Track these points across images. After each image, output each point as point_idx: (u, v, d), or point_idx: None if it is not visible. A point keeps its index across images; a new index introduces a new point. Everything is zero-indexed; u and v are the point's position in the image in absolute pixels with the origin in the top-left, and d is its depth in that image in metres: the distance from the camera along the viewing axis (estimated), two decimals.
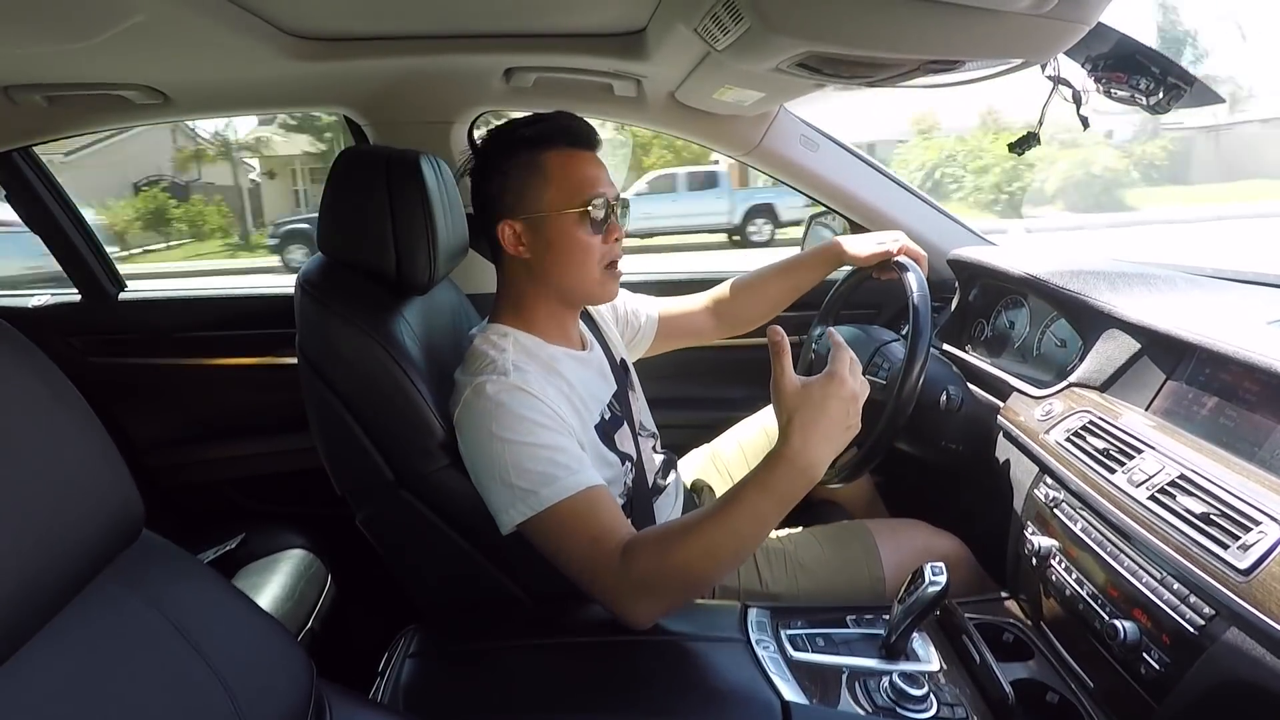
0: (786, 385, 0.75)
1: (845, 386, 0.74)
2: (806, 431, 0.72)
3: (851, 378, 0.75)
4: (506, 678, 0.79)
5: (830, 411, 0.73)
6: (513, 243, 0.92)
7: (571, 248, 0.92)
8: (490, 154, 0.94)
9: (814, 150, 1.47)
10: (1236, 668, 0.62)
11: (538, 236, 0.92)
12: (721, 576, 0.79)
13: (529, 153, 0.91)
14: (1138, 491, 0.78)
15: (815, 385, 0.74)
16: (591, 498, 0.81)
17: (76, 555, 0.45)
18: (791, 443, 0.72)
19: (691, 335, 1.31)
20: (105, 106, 1.32)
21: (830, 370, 0.75)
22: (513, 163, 0.91)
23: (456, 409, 0.87)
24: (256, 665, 0.53)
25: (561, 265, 0.93)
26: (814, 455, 0.73)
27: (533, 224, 0.91)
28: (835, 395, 0.73)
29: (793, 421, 0.73)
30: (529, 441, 0.81)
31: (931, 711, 0.73)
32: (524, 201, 0.91)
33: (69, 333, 1.64)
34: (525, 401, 0.83)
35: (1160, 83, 1.00)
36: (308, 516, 1.47)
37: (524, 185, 0.91)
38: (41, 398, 0.45)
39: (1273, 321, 0.86)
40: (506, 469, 0.81)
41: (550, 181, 0.91)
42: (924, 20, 0.72)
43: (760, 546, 1.03)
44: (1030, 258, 1.22)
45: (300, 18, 1.06)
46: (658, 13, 1.01)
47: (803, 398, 0.73)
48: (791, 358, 0.77)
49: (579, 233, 0.91)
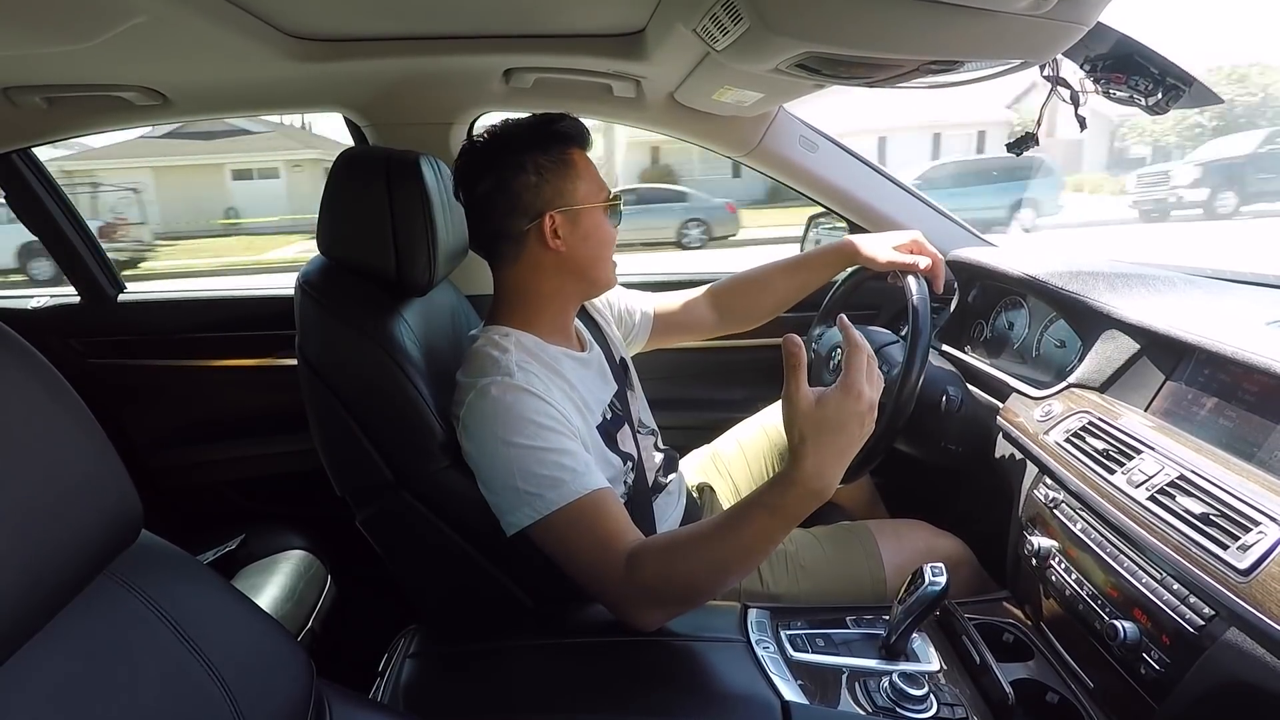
0: (801, 403, 0.69)
1: (862, 400, 0.68)
2: (821, 455, 0.68)
3: (869, 386, 0.69)
4: (506, 678, 0.79)
5: (847, 430, 0.68)
6: (551, 236, 0.93)
7: (603, 239, 0.97)
8: (522, 149, 0.92)
9: (813, 151, 1.47)
10: (1236, 668, 0.62)
11: (575, 228, 0.94)
12: (727, 588, 0.78)
13: (561, 149, 0.93)
14: (1137, 492, 0.78)
15: (830, 402, 0.68)
16: (597, 501, 0.81)
17: (75, 556, 0.45)
18: (804, 467, 0.68)
19: (689, 330, 1.29)
20: (105, 108, 1.32)
21: (846, 382, 0.69)
22: (547, 158, 0.92)
23: (460, 410, 0.87)
24: (256, 665, 0.53)
25: (593, 256, 0.96)
26: (828, 479, 0.69)
27: (571, 216, 0.93)
28: (853, 412, 0.68)
29: (806, 444, 0.68)
30: (535, 445, 0.81)
31: (931, 712, 0.73)
32: (563, 195, 0.93)
33: (69, 334, 1.64)
34: (530, 403, 0.83)
35: (1159, 83, 1.00)
36: (308, 517, 1.47)
37: (562, 179, 0.93)
38: (40, 399, 0.45)
39: (1272, 322, 0.86)
40: (512, 472, 0.81)
41: (581, 177, 0.94)
42: (923, 21, 0.72)
43: None
44: (1029, 259, 1.22)
45: (300, 19, 1.06)
46: (657, 14, 1.01)
47: (818, 418, 0.68)
48: (785, 368, 0.71)
49: (606, 225, 0.97)
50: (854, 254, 1.16)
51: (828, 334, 1.26)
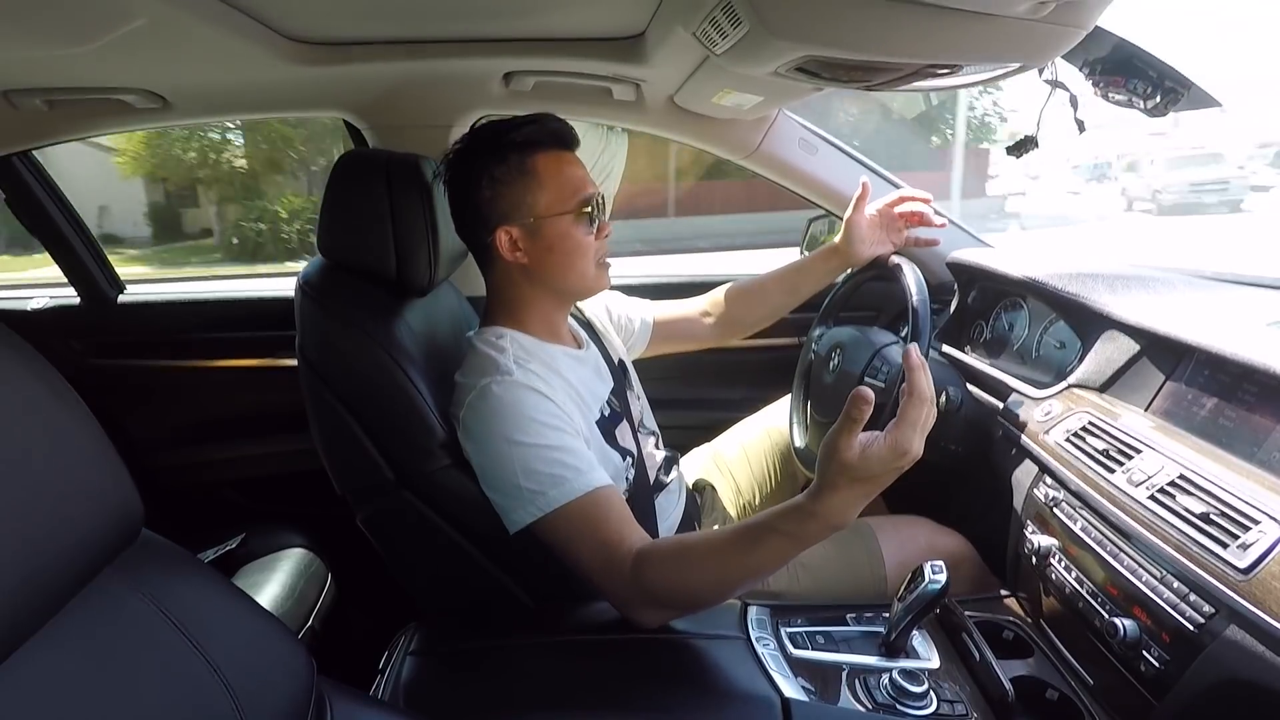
0: (845, 453, 0.64)
1: (907, 457, 0.63)
2: (850, 496, 0.65)
3: (920, 439, 0.64)
4: (507, 676, 0.79)
5: (882, 480, 0.65)
6: (510, 249, 0.91)
7: (570, 249, 0.92)
8: (477, 161, 0.91)
9: (813, 154, 1.47)
10: (1236, 665, 0.62)
11: (536, 241, 0.91)
12: (732, 597, 0.78)
13: (519, 157, 0.90)
14: (1137, 491, 0.78)
15: (875, 458, 0.63)
16: (600, 499, 0.81)
17: (76, 555, 0.45)
18: (830, 503, 0.66)
19: (687, 340, 1.31)
20: (105, 110, 1.32)
21: (897, 440, 0.63)
22: (503, 168, 0.90)
23: (460, 411, 0.87)
24: (257, 663, 0.53)
25: (561, 266, 0.93)
26: (849, 516, 0.67)
27: (529, 229, 0.91)
28: (895, 468, 0.64)
29: (839, 487, 0.65)
30: (537, 443, 0.81)
31: (931, 709, 0.73)
32: (519, 207, 0.90)
33: (69, 335, 1.64)
34: (532, 401, 0.84)
35: (1157, 86, 1.01)
36: (308, 516, 1.47)
37: (517, 191, 0.90)
38: (41, 400, 0.45)
39: (1272, 323, 0.87)
40: (514, 470, 0.81)
41: (543, 185, 0.90)
42: (922, 24, 0.73)
43: None
44: (1029, 260, 1.22)
45: (299, 22, 1.06)
46: (657, 17, 1.02)
47: (858, 467, 0.63)
48: (844, 414, 0.64)
49: (575, 233, 0.92)
50: (845, 256, 1.18)
51: (828, 334, 1.26)
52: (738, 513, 1.27)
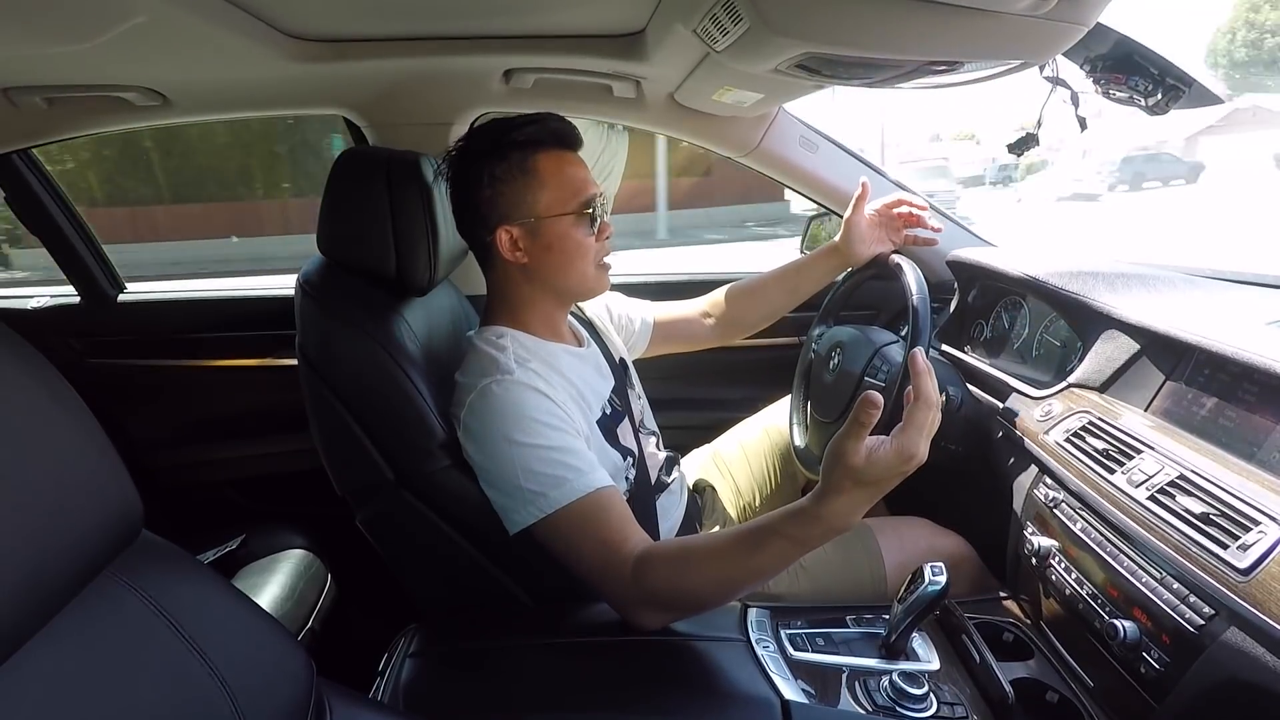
0: (852, 457, 0.64)
1: (913, 462, 0.63)
2: (854, 500, 0.65)
3: (925, 444, 0.64)
4: (506, 677, 0.79)
5: (886, 484, 0.65)
6: (510, 248, 0.91)
7: (570, 249, 0.92)
8: (477, 160, 0.91)
9: (813, 151, 1.47)
10: (1236, 667, 0.62)
11: (536, 241, 0.91)
12: (734, 600, 0.78)
13: (520, 156, 0.90)
14: (1137, 492, 0.78)
15: (880, 462, 0.63)
16: (601, 500, 0.81)
17: (76, 555, 0.45)
18: (834, 507, 0.66)
19: (687, 341, 1.31)
20: (105, 108, 1.32)
21: (903, 445, 0.63)
22: (504, 167, 0.89)
23: (460, 411, 0.86)
24: (257, 664, 0.53)
25: (561, 267, 0.93)
26: (853, 520, 0.67)
27: (530, 228, 0.90)
28: (900, 472, 0.64)
29: (843, 491, 0.65)
30: (538, 443, 0.81)
31: (931, 710, 0.73)
32: (520, 207, 0.90)
33: (69, 334, 1.64)
34: (533, 400, 0.83)
35: (1159, 83, 1.00)
36: (308, 517, 1.47)
37: (518, 190, 0.90)
38: (40, 399, 0.45)
39: (1272, 322, 0.87)
40: (515, 471, 0.81)
41: (545, 185, 0.90)
42: (923, 21, 0.72)
43: None
44: (1029, 259, 1.22)
45: (300, 20, 1.06)
46: (657, 14, 1.01)
47: (864, 471, 0.63)
48: (851, 418, 0.64)
49: (576, 234, 0.92)
50: (845, 256, 1.18)
51: (828, 334, 1.26)
52: (738, 513, 1.27)
